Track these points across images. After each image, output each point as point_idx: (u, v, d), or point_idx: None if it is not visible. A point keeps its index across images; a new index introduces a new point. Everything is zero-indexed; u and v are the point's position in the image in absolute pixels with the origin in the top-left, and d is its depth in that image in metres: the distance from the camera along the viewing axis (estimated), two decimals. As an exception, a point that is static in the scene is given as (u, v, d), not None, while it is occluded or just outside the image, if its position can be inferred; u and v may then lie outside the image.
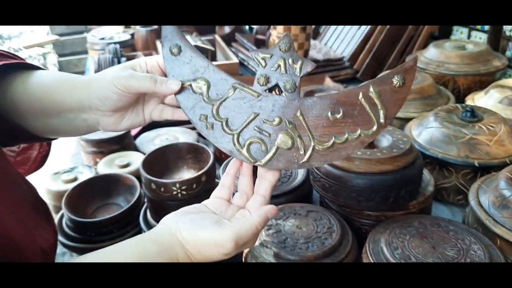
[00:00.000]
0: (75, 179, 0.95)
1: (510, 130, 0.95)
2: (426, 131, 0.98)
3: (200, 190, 0.73)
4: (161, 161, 0.81)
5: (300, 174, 0.95)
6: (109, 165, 1.00)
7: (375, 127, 0.54)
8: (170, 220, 0.52)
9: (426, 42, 1.50)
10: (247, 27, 2.03)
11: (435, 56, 1.32)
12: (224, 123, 0.56)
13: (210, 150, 0.84)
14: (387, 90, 0.54)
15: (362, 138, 0.55)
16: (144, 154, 0.91)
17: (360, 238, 0.80)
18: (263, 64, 0.57)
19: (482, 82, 1.27)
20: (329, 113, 0.56)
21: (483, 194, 0.80)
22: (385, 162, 0.77)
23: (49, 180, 0.96)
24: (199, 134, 1.18)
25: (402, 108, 1.13)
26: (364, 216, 0.82)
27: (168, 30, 0.57)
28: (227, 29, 1.83)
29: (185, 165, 0.84)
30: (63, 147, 1.26)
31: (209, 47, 1.67)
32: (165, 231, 0.50)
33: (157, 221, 0.73)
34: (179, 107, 0.57)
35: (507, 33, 1.36)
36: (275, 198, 0.89)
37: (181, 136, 1.13)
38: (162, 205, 0.74)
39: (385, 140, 0.83)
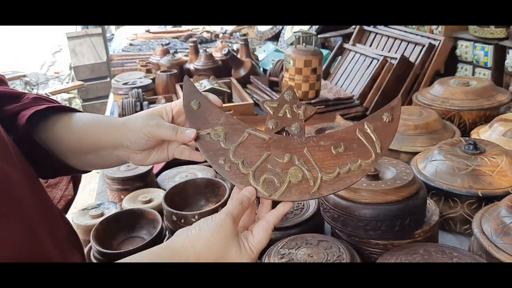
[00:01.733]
0: (102, 214, 1.02)
1: (511, 161, 0.99)
2: (431, 164, 1.03)
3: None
4: (181, 195, 0.88)
5: (312, 206, 1.00)
6: (133, 201, 1.07)
7: (373, 157, 0.63)
8: (182, 229, 0.60)
9: (432, 80, 1.56)
10: (261, 69, 2.13)
11: (440, 92, 1.39)
12: (240, 164, 0.64)
13: (227, 185, 0.91)
14: (379, 125, 0.63)
15: (363, 167, 0.63)
16: (165, 190, 0.98)
17: (369, 266, 0.84)
18: (272, 112, 0.66)
19: (487, 116, 1.32)
20: (332, 148, 0.64)
21: (486, 223, 0.84)
22: (389, 193, 0.82)
23: (78, 216, 1.03)
24: (216, 171, 1.25)
25: (409, 143, 1.19)
26: (372, 245, 0.86)
27: (188, 89, 0.67)
28: (242, 72, 1.94)
29: (204, 198, 0.91)
30: (90, 186, 1.34)
31: (225, 89, 1.77)
32: (177, 238, 0.59)
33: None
34: (197, 149, 0.66)
35: (509, 69, 1.42)
36: (289, 229, 0.94)
37: (199, 173, 1.20)
38: (178, 228, 0.80)
39: (389, 172, 0.88)
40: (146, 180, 1.16)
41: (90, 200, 1.18)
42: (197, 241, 0.58)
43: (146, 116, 0.65)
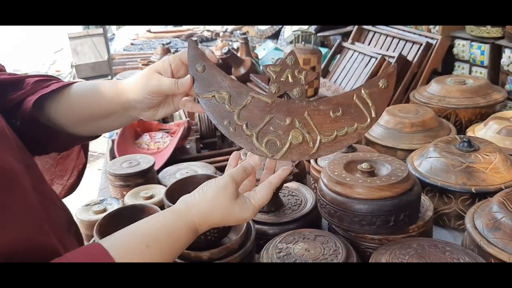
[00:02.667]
0: (104, 210, 1.05)
1: (505, 158, 1.01)
2: (426, 161, 1.06)
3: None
4: (182, 191, 0.90)
5: (309, 202, 1.02)
6: (134, 197, 1.10)
7: (368, 121, 0.68)
8: (185, 195, 0.65)
9: (429, 78, 1.58)
10: (261, 68, 2.15)
11: (437, 91, 1.41)
12: (244, 126, 0.68)
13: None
14: (375, 91, 0.68)
15: (359, 131, 0.68)
16: (166, 186, 1.00)
17: (365, 260, 0.86)
18: (274, 76, 0.70)
19: (483, 114, 1.34)
20: (331, 112, 0.68)
21: (478, 218, 0.86)
22: (384, 189, 0.84)
23: (81, 212, 1.06)
24: (216, 167, 1.27)
25: (406, 140, 1.22)
26: (368, 239, 0.89)
27: (192, 52, 0.71)
28: (242, 70, 1.96)
29: (204, 195, 0.93)
30: (93, 182, 1.37)
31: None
32: (180, 203, 0.63)
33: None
34: (198, 102, 0.71)
35: (505, 68, 1.44)
36: (287, 224, 0.96)
37: (199, 169, 1.23)
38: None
39: (384, 169, 0.91)
40: (147, 177, 1.18)
41: (92, 197, 1.20)
42: (201, 203, 0.62)
43: (146, 76, 0.70)
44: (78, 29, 3.88)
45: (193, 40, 0.73)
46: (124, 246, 0.56)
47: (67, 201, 0.78)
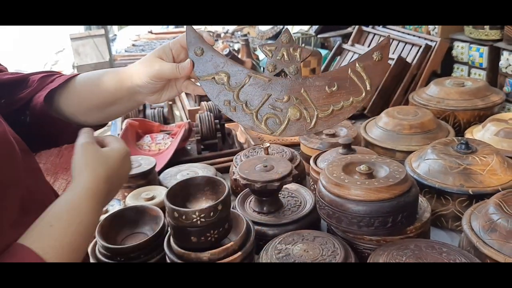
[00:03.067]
0: (106, 211, 1.06)
1: (502, 160, 1.02)
2: (424, 163, 1.07)
3: (216, 217, 0.82)
4: (183, 193, 0.91)
5: (309, 203, 1.04)
6: (136, 198, 1.11)
7: (363, 94, 0.70)
8: None
9: (429, 80, 1.59)
10: (262, 69, 2.17)
11: (435, 92, 1.42)
12: (244, 105, 0.71)
13: (226, 183, 0.94)
14: (370, 64, 0.69)
15: (354, 104, 0.70)
16: (167, 188, 1.01)
17: (363, 261, 0.87)
18: (270, 55, 0.73)
19: (481, 116, 1.35)
20: (327, 88, 0.70)
21: (475, 219, 0.87)
22: (382, 190, 0.86)
23: (83, 212, 1.07)
24: (217, 169, 1.29)
25: (405, 142, 1.23)
26: (366, 241, 0.90)
27: (191, 36, 0.73)
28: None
29: (204, 196, 0.94)
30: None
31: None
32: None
33: (179, 246, 0.83)
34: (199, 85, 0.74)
35: (503, 70, 1.45)
36: (286, 225, 0.98)
37: (200, 171, 1.24)
38: (184, 231, 0.83)
39: (382, 171, 0.92)
40: (148, 178, 1.20)
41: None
42: (78, 170, 0.63)
43: (148, 62, 0.73)
44: (80, 29, 3.90)
45: (191, 26, 0.75)
46: (31, 232, 0.55)
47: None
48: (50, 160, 0.80)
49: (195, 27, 0.74)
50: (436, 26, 1.69)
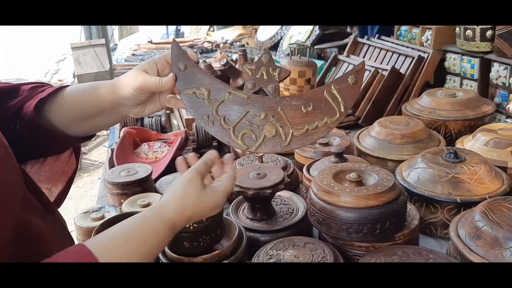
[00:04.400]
0: (102, 217, 1.08)
1: (490, 169, 1.05)
2: (414, 172, 1.09)
3: (209, 223, 0.84)
4: (177, 199, 0.94)
5: (300, 210, 1.06)
6: (132, 205, 1.13)
7: (337, 115, 0.73)
8: (160, 196, 0.69)
9: (422, 90, 1.62)
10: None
11: (427, 103, 1.45)
12: (222, 120, 0.74)
13: (220, 190, 0.96)
14: (344, 87, 0.73)
15: (328, 124, 0.73)
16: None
17: (352, 266, 0.89)
18: (250, 73, 0.76)
19: (472, 126, 1.37)
20: (303, 107, 0.73)
21: (462, 227, 0.89)
22: (370, 198, 0.88)
23: (80, 219, 1.09)
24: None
25: (396, 151, 1.25)
26: (355, 247, 0.92)
27: (176, 51, 0.76)
28: (240, 81, 2.00)
29: (198, 203, 0.97)
30: (92, 192, 1.40)
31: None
32: (156, 202, 0.69)
33: (172, 251, 0.85)
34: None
35: (494, 81, 1.48)
36: (278, 232, 1.00)
37: (196, 179, 1.26)
38: (176, 236, 0.85)
39: (371, 179, 0.94)
40: (145, 185, 1.22)
41: (91, 205, 1.24)
42: (173, 200, 0.66)
43: (133, 75, 0.75)
44: (81, 39, 3.95)
45: (176, 41, 0.79)
46: (104, 243, 0.60)
47: (68, 208, 0.81)
48: (35, 168, 0.83)
49: (195, 38, 0.78)
50: (429, 38, 1.73)
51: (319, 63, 2.03)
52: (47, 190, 0.84)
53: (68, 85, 0.81)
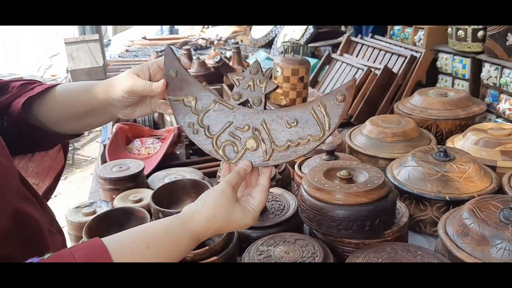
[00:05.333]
0: (94, 212, 1.09)
1: (479, 168, 1.06)
2: (405, 170, 1.10)
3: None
4: (168, 195, 0.95)
5: (292, 207, 1.06)
6: (123, 200, 1.13)
7: (321, 133, 0.70)
8: (188, 205, 0.68)
9: (414, 90, 1.63)
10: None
11: (419, 102, 1.46)
12: (206, 129, 0.73)
13: (211, 186, 0.97)
14: (331, 104, 0.70)
15: (311, 142, 0.70)
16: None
17: (341, 263, 0.90)
18: (237, 83, 0.74)
19: (463, 125, 1.39)
20: (286, 122, 0.71)
21: (450, 225, 0.91)
22: (360, 195, 0.89)
23: (71, 213, 1.09)
24: (204, 173, 1.31)
25: (387, 150, 1.26)
26: (345, 243, 0.93)
27: (169, 58, 0.76)
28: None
29: (189, 198, 0.97)
30: (85, 187, 1.40)
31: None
32: (184, 211, 0.67)
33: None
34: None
35: (485, 81, 1.50)
36: (269, 228, 1.00)
37: (188, 175, 1.27)
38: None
39: (362, 176, 0.95)
40: (137, 181, 1.22)
41: (84, 200, 1.24)
42: (203, 210, 0.65)
43: (124, 77, 0.75)
44: (74, 34, 3.93)
45: (170, 47, 0.78)
46: (126, 245, 0.58)
47: (60, 203, 0.82)
48: (22, 162, 0.83)
49: (189, 35, 0.78)
50: (422, 38, 1.74)
51: (312, 61, 2.04)
52: (34, 185, 0.84)
53: (58, 84, 0.81)
